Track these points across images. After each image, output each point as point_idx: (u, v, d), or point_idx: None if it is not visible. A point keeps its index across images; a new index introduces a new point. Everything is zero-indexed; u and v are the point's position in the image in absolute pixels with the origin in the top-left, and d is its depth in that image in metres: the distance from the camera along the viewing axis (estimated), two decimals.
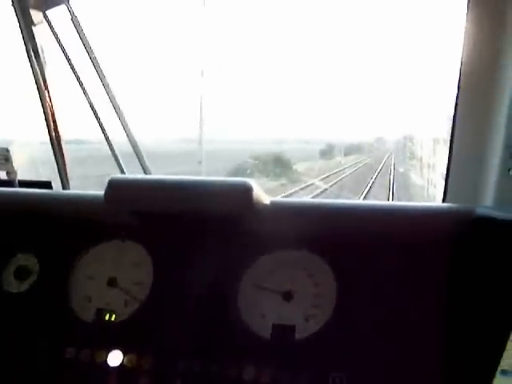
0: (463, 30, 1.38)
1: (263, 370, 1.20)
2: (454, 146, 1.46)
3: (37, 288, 1.42)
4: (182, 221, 1.34)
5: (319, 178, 11.98)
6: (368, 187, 11.74)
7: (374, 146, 20.87)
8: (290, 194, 8.91)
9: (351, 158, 18.09)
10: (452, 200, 1.48)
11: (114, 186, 1.35)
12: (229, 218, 1.31)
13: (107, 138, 1.97)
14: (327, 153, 16.90)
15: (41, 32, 1.94)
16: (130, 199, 1.35)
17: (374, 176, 13.75)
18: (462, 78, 1.40)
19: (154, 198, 1.32)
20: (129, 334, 1.31)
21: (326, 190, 10.03)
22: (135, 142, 1.96)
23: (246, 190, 1.27)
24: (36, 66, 1.95)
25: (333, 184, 11.90)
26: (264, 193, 1.33)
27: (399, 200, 8.94)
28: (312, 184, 10.57)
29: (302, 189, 10.25)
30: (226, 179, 1.32)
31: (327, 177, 13.09)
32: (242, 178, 1.30)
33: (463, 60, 1.39)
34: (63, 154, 2.03)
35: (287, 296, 1.28)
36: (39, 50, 1.95)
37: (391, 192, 11.05)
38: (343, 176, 14.03)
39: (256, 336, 1.25)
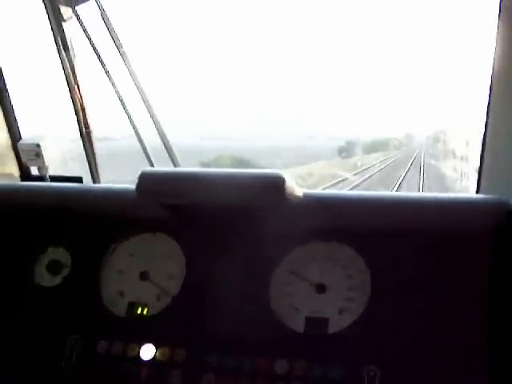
0: (496, 24, 1.34)
1: (296, 363, 1.19)
2: (487, 137, 1.43)
3: (69, 282, 1.43)
4: (213, 213, 1.33)
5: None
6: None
7: (403, 143, 19.90)
8: None
9: (374, 157, 16.88)
10: (485, 192, 1.45)
11: (145, 179, 1.35)
12: (261, 211, 1.29)
13: (137, 132, 1.97)
14: (345, 150, 15.87)
15: (71, 27, 1.95)
16: (161, 192, 1.34)
17: (402, 175, 12.84)
18: (494, 69, 1.37)
19: (186, 190, 1.31)
20: (161, 328, 1.31)
21: None
22: (164, 135, 1.95)
23: (279, 182, 1.25)
24: (66, 62, 1.95)
25: None
26: (296, 185, 1.31)
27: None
28: None
29: None
30: (258, 171, 1.30)
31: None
32: (275, 170, 1.28)
33: (496, 52, 1.36)
34: (93, 150, 2.03)
35: (320, 288, 1.26)
36: (69, 46, 1.95)
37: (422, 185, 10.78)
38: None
39: (289, 329, 1.24)
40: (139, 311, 1.35)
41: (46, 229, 1.51)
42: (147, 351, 1.27)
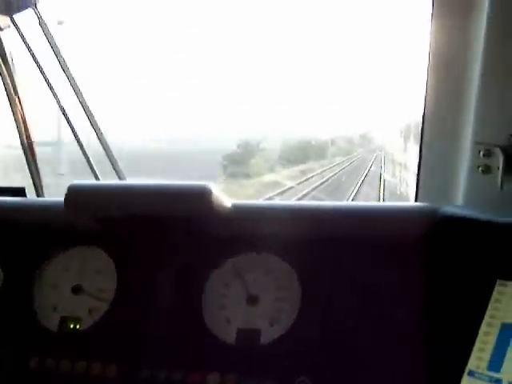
0: (430, 29, 1.36)
1: (228, 375, 1.18)
2: (423, 144, 1.44)
3: (1, 296, 1.40)
4: (143, 225, 1.32)
5: None
6: None
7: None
8: None
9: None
10: (423, 199, 1.46)
11: (72, 193, 1.33)
12: (190, 222, 1.29)
13: (80, 143, 1.95)
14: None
15: (8, 37, 1.91)
16: (89, 205, 1.33)
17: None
18: (429, 75, 1.39)
19: (113, 203, 1.30)
20: (93, 343, 1.29)
21: None
22: (108, 146, 1.93)
23: (206, 193, 1.25)
24: (5, 72, 1.92)
25: None
26: (225, 196, 1.31)
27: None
28: None
29: None
30: (186, 183, 1.30)
31: None
32: (203, 182, 1.28)
33: (430, 58, 1.37)
34: (36, 161, 2.00)
35: (252, 300, 1.26)
36: (7, 55, 1.92)
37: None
38: None
39: (221, 341, 1.23)
40: (72, 326, 1.33)
41: None
42: (79, 367, 1.25)
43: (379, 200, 9.49)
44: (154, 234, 1.32)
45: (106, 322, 1.30)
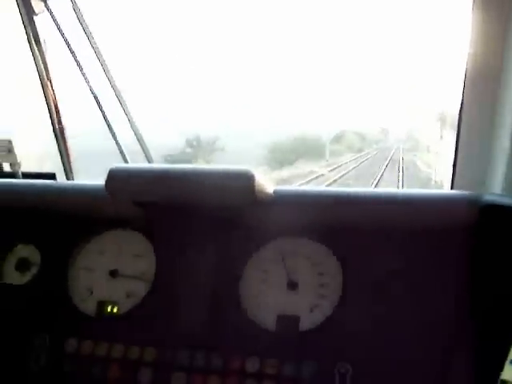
0: (470, 24, 1.34)
1: (267, 361, 1.18)
2: (461, 133, 1.43)
3: (38, 280, 1.41)
4: (184, 211, 1.32)
5: None
6: None
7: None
8: None
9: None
10: (460, 187, 1.45)
11: (114, 176, 1.32)
12: (231, 208, 1.28)
13: (111, 129, 1.95)
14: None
15: (43, 22, 1.92)
16: (130, 189, 1.32)
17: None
18: (468, 65, 1.37)
19: (156, 188, 1.30)
20: (131, 327, 1.29)
21: None
22: (139, 132, 1.93)
23: (248, 180, 1.24)
24: (38, 57, 1.93)
25: None
26: (267, 181, 1.30)
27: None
28: None
29: None
30: (228, 168, 1.29)
31: None
32: (245, 167, 1.27)
33: (470, 49, 1.36)
34: (67, 146, 2.01)
35: (292, 286, 1.26)
36: (41, 41, 1.93)
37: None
38: None
39: (260, 327, 1.23)
40: (109, 310, 1.33)
41: (15, 226, 1.48)
42: (117, 350, 1.26)
43: None
44: (195, 219, 1.32)
45: (144, 306, 1.30)
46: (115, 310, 1.33)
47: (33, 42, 1.91)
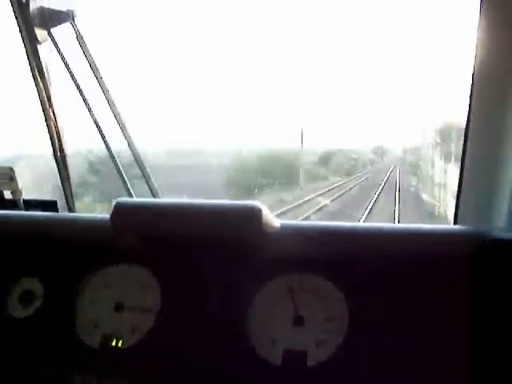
0: (474, 41, 1.30)
1: None
2: (464, 168, 1.43)
3: (42, 313, 1.40)
4: (189, 245, 1.32)
5: None
6: None
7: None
8: None
9: None
10: (463, 223, 1.45)
11: (120, 210, 1.33)
12: (238, 242, 1.28)
13: (114, 160, 1.95)
14: None
15: (45, 49, 1.93)
16: (136, 223, 1.32)
17: None
18: (473, 90, 1.35)
19: (162, 222, 1.30)
20: (136, 361, 1.28)
21: None
22: (142, 163, 1.93)
23: (255, 213, 1.24)
24: (41, 85, 1.93)
25: None
26: (273, 215, 1.31)
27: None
28: None
29: None
30: (234, 202, 1.29)
31: None
32: (251, 201, 1.27)
33: (474, 75, 1.34)
34: (69, 174, 2.01)
35: (298, 321, 1.25)
36: (44, 68, 1.93)
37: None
38: None
39: (266, 362, 1.22)
40: (113, 343, 1.32)
41: (18, 258, 1.48)
42: None
43: None
44: (201, 253, 1.32)
45: (149, 340, 1.29)
46: (120, 344, 1.32)
47: (36, 70, 1.91)
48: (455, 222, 1.48)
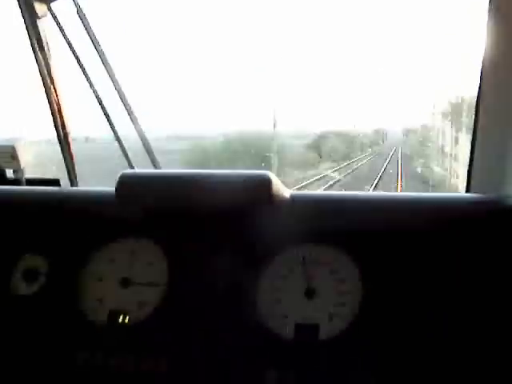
0: (485, 29, 1.32)
1: (286, 372, 1.14)
2: (477, 135, 1.41)
3: (46, 290, 1.37)
4: (197, 216, 1.28)
5: None
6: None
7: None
8: None
9: None
10: (475, 191, 1.43)
11: (125, 182, 1.29)
12: (247, 213, 1.25)
13: (116, 133, 1.92)
14: None
15: (46, 25, 1.89)
16: (142, 195, 1.29)
17: None
18: (484, 68, 1.35)
19: (168, 193, 1.26)
20: (143, 337, 1.25)
21: None
22: (144, 136, 1.90)
23: (265, 183, 1.21)
24: (42, 61, 1.89)
25: None
26: (283, 185, 1.27)
27: None
28: None
29: None
30: (243, 172, 1.25)
31: None
32: (261, 171, 1.24)
33: (485, 51, 1.33)
34: (71, 151, 1.98)
35: (310, 293, 1.22)
36: (44, 44, 1.89)
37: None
38: None
39: (278, 337, 1.19)
40: (120, 320, 1.29)
41: (21, 235, 1.45)
42: (129, 361, 1.22)
43: None
44: (209, 225, 1.28)
45: (157, 315, 1.27)
46: (127, 320, 1.29)
47: (36, 45, 1.87)
48: (467, 191, 1.45)
